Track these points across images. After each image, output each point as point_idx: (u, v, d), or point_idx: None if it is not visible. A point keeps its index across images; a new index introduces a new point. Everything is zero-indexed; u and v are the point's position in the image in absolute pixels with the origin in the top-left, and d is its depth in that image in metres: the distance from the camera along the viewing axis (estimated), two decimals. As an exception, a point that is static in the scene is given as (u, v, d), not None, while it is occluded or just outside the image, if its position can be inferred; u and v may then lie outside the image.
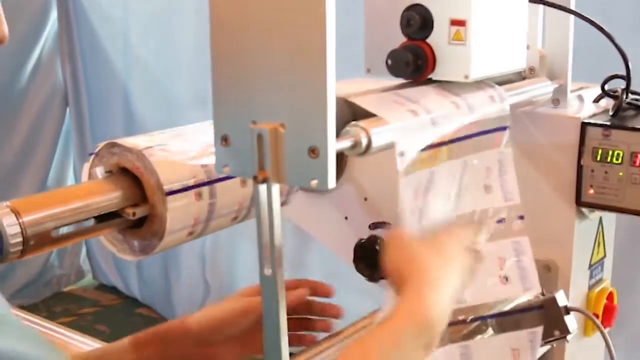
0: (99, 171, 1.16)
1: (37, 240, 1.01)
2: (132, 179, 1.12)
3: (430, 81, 1.12)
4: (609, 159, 1.30)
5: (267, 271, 0.90)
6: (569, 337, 1.20)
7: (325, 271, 3.10)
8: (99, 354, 1.26)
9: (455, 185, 1.15)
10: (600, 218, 1.43)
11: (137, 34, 4.15)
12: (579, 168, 1.32)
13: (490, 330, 1.17)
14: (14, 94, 4.41)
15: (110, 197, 1.10)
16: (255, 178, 0.87)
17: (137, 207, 1.10)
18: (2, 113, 4.37)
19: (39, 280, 4.78)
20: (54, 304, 4.79)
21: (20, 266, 4.62)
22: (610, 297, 1.48)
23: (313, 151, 0.84)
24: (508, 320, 1.18)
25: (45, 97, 4.59)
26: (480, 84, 1.15)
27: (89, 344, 2.36)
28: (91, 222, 1.11)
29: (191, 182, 1.12)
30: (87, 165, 1.19)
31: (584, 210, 1.34)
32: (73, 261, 5.02)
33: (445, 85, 1.12)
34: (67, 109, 4.71)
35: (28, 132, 4.52)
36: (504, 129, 1.21)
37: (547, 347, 1.26)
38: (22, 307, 4.45)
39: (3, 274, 4.53)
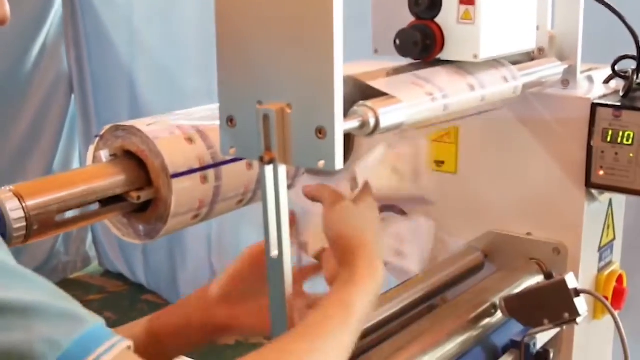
0: (104, 154, 1.14)
1: (40, 224, 1.00)
2: (137, 162, 1.11)
3: (438, 61, 1.11)
4: (619, 140, 1.28)
5: (274, 253, 0.88)
6: (578, 319, 1.18)
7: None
8: None
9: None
10: (610, 200, 1.42)
11: (141, 19, 4.12)
12: (589, 149, 1.30)
13: None
14: (19, 80, 4.39)
15: (114, 180, 1.09)
16: (261, 159, 0.86)
17: (141, 191, 1.09)
18: (8, 99, 4.35)
19: (44, 267, 4.77)
20: (60, 290, 4.78)
21: (26, 253, 4.60)
22: (619, 279, 1.47)
23: (320, 131, 0.83)
24: None
25: (51, 83, 4.56)
26: (493, 63, 1.14)
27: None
28: (95, 206, 1.10)
29: (196, 165, 1.11)
30: (92, 148, 1.17)
31: (594, 191, 1.33)
32: (79, 248, 5.01)
33: (459, 64, 1.10)
34: (72, 95, 4.70)
35: (33, 118, 4.50)
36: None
37: (557, 329, 1.24)
38: (29, 294, 4.45)
39: (9, 260, 4.52)
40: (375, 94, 0.97)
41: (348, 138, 1.46)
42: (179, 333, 1.18)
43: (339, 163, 0.83)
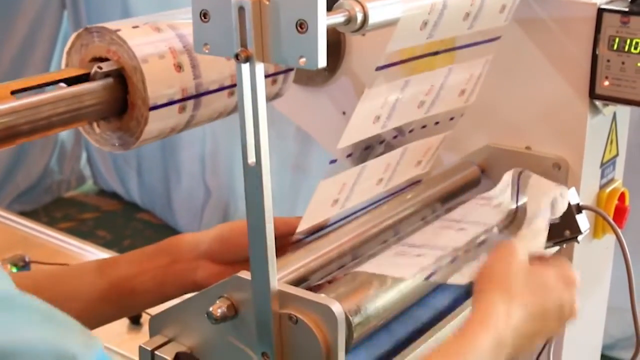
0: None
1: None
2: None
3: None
4: (626, 49, 1.20)
5: (250, 160, 0.82)
6: (580, 237, 1.12)
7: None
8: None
9: (432, 93, 1.09)
10: (615, 113, 1.34)
11: None
12: (594, 58, 1.23)
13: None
14: (9, -2, 4.33)
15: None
16: (237, 57, 0.78)
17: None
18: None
19: (39, 186, 4.75)
20: (54, 209, 4.76)
21: (20, 172, 4.58)
22: (622, 197, 1.40)
23: (301, 25, 0.75)
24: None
25: (42, 0, 4.48)
26: None
27: (88, 250, 2.32)
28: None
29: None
30: (64, 57, 1.11)
31: (598, 103, 1.25)
32: (73, 167, 4.98)
33: None
34: (65, 11, 4.61)
35: (25, 36, 4.43)
36: (495, 39, 1.15)
37: (556, 248, 1.18)
38: (23, 213, 4.43)
39: (2, 180, 4.49)
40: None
41: (337, 46, 1.40)
42: (154, 280, 1.11)
43: (321, 60, 0.76)
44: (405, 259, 1.03)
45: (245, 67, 0.79)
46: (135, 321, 1.85)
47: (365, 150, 1.09)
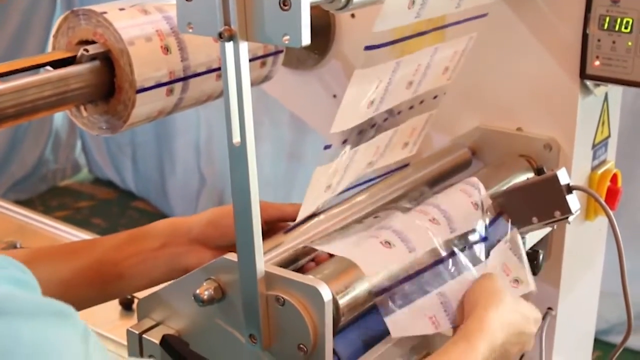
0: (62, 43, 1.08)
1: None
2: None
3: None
4: (617, 28, 1.19)
5: (235, 140, 0.81)
6: (570, 218, 1.11)
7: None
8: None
9: (420, 73, 1.08)
10: (606, 94, 1.34)
11: None
12: (584, 37, 1.22)
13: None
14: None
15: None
16: (220, 35, 0.78)
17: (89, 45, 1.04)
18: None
19: (34, 175, 4.74)
20: (50, 198, 4.75)
21: (15, 161, 4.56)
22: (614, 179, 1.39)
23: (284, 2, 0.75)
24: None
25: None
26: None
27: (84, 238, 2.31)
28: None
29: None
30: (51, 40, 1.10)
31: (589, 84, 1.25)
32: (68, 155, 4.97)
33: None
34: (57, 0, 4.60)
35: (19, 25, 4.41)
36: (482, 16, 1.14)
37: (547, 229, 1.18)
38: (18, 202, 4.42)
39: (-3, 169, 4.48)
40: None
41: (327, 28, 1.39)
42: (144, 264, 1.10)
43: (305, 38, 0.75)
44: (374, 247, 1.02)
45: (229, 46, 0.78)
46: (127, 307, 1.84)
47: (359, 135, 1.08)
